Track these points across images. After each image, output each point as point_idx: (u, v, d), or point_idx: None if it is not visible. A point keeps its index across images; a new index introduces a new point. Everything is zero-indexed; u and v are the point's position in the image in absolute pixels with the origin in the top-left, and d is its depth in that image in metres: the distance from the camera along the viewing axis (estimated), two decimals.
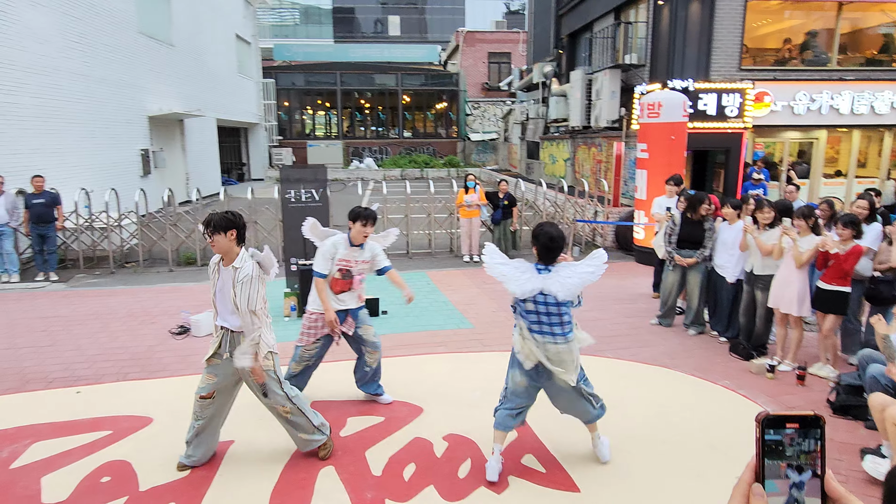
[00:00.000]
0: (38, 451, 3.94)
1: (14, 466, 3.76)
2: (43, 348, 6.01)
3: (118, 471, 3.70)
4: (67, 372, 5.38)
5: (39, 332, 6.51)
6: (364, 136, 31.78)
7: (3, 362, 5.62)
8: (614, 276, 9.18)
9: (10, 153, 9.34)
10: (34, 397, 4.85)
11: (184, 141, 17.43)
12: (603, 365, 5.54)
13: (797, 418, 0.84)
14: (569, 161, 17.81)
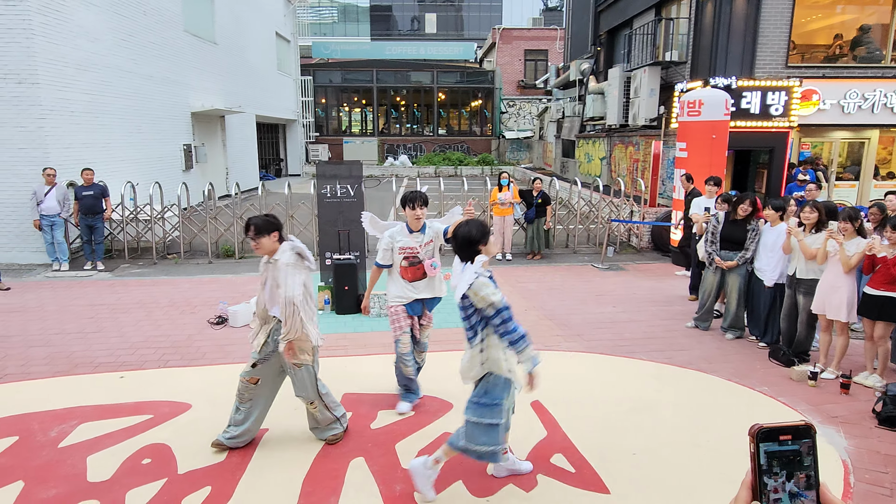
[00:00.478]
0: (85, 432, 4.11)
1: (62, 445, 3.94)
2: (90, 334, 6.26)
3: (158, 454, 3.84)
4: (112, 357, 5.60)
5: (87, 319, 6.78)
6: (399, 134, 31.97)
7: (54, 346, 5.88)
8: (650, 278, 9.02)
9: (63, 147, 9.74)
10: (81, 380, 5.06)
11: (224, 136, 17.86)
12: (636, 367, 5.45)
13: (789, 429, 0.82)
14: (605, 160, 17.56)
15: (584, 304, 7.57)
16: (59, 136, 9.65)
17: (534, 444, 4.01)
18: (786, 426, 0.82)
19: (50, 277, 8.84)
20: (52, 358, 5.57)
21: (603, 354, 5.77)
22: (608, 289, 8.36)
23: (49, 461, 3.74)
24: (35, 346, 5.86)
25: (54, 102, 9.53)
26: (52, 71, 9.47)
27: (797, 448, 0.82)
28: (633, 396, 4.77)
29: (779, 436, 0.81)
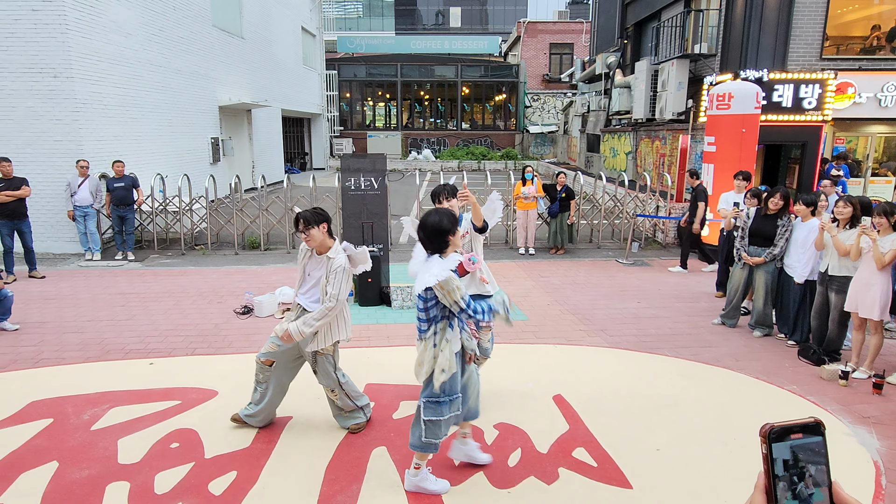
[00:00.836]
0: (116, 416, 4.22)
1: (94, 428, 4.05)
2: (121, 322, 6.42)
3: (186, 438, 3.92)
4: (142, 344, 5.73)
5: (118, 307, 6.95)
6: (422, 128, 31.98)
7: (88, 333, 6.04)
8: (676, 274, 8.89)
9: (96, 139, 9.97)
10: (113, 366, 5.19)
11: (251, 130, 18.08)
12: (661, 363, 5.39)
13: (799, 427, 0.79)
14: (630, 154, 17.32)
15: (608, 299, 7.49)
16: (92, 129, 9.88)
17: (556, 438, 4.00)
18: (796, 424, 0.80)
19: (83, 266, 9.08)
20: (85, 344, 5.73)
21: (627, 350, 5.71)
22: (632, 284, 8.26)
23: (82, 443, 3.86)
24: (69, 333, 6.04)
25: (88, 96, 9.76)
26: (85, 65, 9.70)
27: (807, 446, 0.79)
28: (658, 393, 4.71)
29: (790, 434, 0.79)
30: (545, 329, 6.28)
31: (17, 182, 8.03)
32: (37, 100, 9.38)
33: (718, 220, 8.22)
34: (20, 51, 9.22)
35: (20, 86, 9.31)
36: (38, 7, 9.15)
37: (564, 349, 5.63)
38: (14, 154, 9.14)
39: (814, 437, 0.80)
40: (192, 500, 3.29)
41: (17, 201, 7.99)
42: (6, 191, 7.90)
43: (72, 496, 3.31)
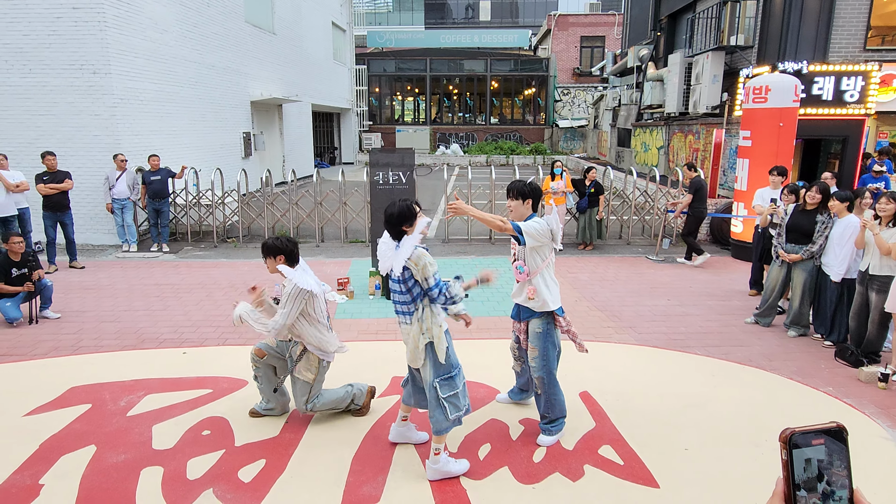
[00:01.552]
0: (150, 403, 4.35)
1: (130, 414, 4.19)
2: (156, 312, 6.61)
3: (217, 426, 4.02)
4: (176, 334, 5.89)
5: (153, 298, 7.15)
6: (451, 122, 31.96)
7: (124, 322, 6.23)
8: (708, 271, 8.71)
9: (132, 134, 10.24)
10: (148, 355, 5.35)
11: (281, 125, 18.34)
12: (691, 362, 5.30)
13: (821, 432, 0.77)
14: (662, 149, 17.01)
15: (637, 296, 7.39)
16: (129, 124, 10.16)
17: (581, 435, 3.97)
18: (818, 429, 0.78)
19: (120, 258, 9.36)
20: (122, 333, 5.91)
21: (656, 348, 5.63)
22: (663, 281, 8.13)
23: (118, 428, 3.99)
24: (106, 322, 6.24)
25: (125, 92, 10.03)
26: (123, 61, 9.96)
27: (829, 451, 0.77)
28: (687, 392, 4.64)
29: (811, 440, 0.77)
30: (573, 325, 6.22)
31: (61, 175, 8.31)
32: (77, 95, 9.68)
33: (752, 216, 8.02)
34: (61, 48, 9.52)
35: (61, 82, 9.62)
36: (78, 5, 9.42)
37: (592, 346, 5.56)
38: (55, 148, 9.46)
39: (836, 443, 0.78)
40: (222, 486, 3.37)
41: (60, 194, 8.28)
42: (51, 183, 8.18)
43: (108, 479, 3.43)
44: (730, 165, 12.24)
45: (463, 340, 5.76)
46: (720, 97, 13.21)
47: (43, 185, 8.16)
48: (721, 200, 10.94)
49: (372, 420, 4.12)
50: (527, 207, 3.65)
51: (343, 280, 7.37)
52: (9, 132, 9.70)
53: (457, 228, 11.09)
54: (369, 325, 6.17)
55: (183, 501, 3.23)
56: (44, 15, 9.43)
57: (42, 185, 8.15)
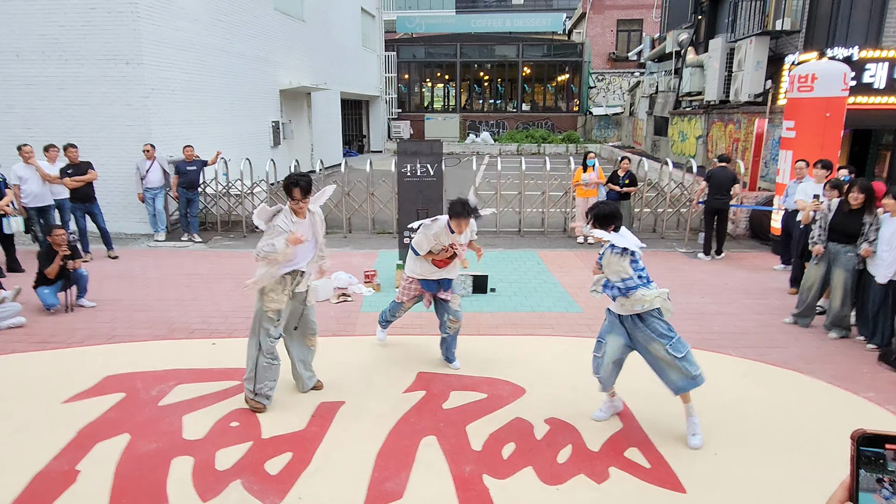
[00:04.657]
0: (181, 393, 4.53)
1: (162, 404, 4.37)
2: (186, 301, 6.83)
3: (245, 418, 4.17)
4: (205, 325, 6.09)
5: (184, 287, 7.39)
6: (481, 110, 31.81)
7: (156, 311, 6.47)
8: (745, 267, 8.56)
9: (164, 123, 10.52)
10: (179, 345, 5.55)
11: (310, 113, 18.56)
12: (724, 363, 5.24)
13: (894, 438, 0.80)
14: (701, 139, 16.66)
15: (670, 293, 7.30)
16: (160, 114, 10.43)
17: (608, 436, 3.99)
18: (892, 435, 0.82)
19: (152, 247, 9.66)
20: (154, 322, 6.14)
21: None
22: (697, 278, 8.02)
23: (150, 417, 4.17)
24: (139, 311, 6.48)
25: (157, 82, 10.29)
26: (155, 52, 10.21)
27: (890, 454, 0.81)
28: (719, 394, 4.60)
29: (884, 443, 0.81)
30: (600, 322, 6.19)
31: (84, 167, 8.57)
32: (110, 86, 9.98)
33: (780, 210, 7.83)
34: (96, 38, 9.81)
35: (95, 72, 9.92)
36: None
37: None
38: (88, 137, 9.79)
39: None
40: (249, 477, 3.51)
41: (85, 185, 8.55)
42: (75, 176, 8.45)
43: (141, 467, 3.60)
44: (772, 157, 11.92)
45: (485, 336, 5.82)
46: (763, 85, 12.85)
47: (69, 178, 8.43)
48: (761, 194, 10.69)
49: (397, 415, 4.21)
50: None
51: (370, 272, 7.48)
52: (45, 122, 10.06)
53: (484, 220, 11.07)
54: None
55: (212, 492, 3.38)
56: (79, 6, 9.72)
57: (68, 179, 8.42)
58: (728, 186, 8.79)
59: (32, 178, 8.19)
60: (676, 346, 3.80)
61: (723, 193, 8.78)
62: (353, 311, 6.58)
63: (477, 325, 6.12)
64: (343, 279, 7.36)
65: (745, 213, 10.49)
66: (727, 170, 8.91)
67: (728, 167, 9.00)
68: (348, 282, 7.35)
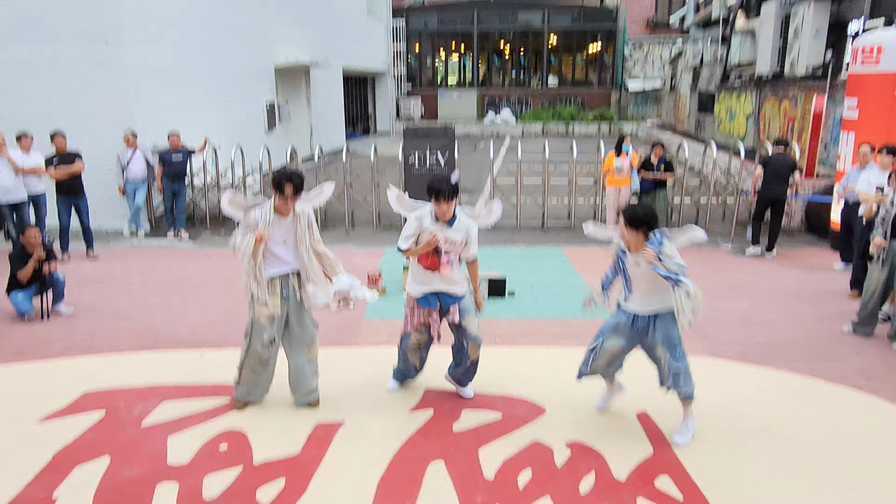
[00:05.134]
0: (166, 412, 4.65)
1: (145, 424, 4.49)
2: (172, 308, 6.98)
3: (235, 440, 4.27)
4: (193, 335, 6.22)
5: (170, 292, 7.54)
6: (502, 85, 31.76)
7: (139, 320, 6.62)
8: (799, 267, 8.50)
9: (148, 109, 10.69)
10: (164, 357, 5.69)
11: (309, 93, 18.68)
12: (770, 379, 5.24)
13: None
14: (751, 117, 16.48)
15: (712, 296, 7.25)
16: (143, 98, 10.60)
17: (637, 463, 4.02)
18: None
19: (135, 246, 9.86)
20: (137, 332, 6.28)
21: (729, 361, 5.58)
22: (744, 279, 7.98)
23: (132, 439, 4.29)
24: (121, 319, 6.63)
25: (139, 63, 10.45)
26: (136, 29, 10.37)
27: None
28: (764, 414, 4.60)
29: None
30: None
31: (71, 157, 8.78)
32: (89, 68, 10.15)
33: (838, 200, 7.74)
34: (72, 17, 9.96)
35: (73, 54, 10.09)
36: None
37: None
38: (67, 127, 9.93)
39: None
40: None
41: (72, 177, 8.74)
42: (60, 166, 8.66)
43: (123, 495, 3.72)
44: (832, 139, 11.77)
45: (501, 348, 5.87)
46: (823, 56, 12.67)
47: (53, 169, 8.63)
48: (819, 181, 10.56)
49: (402, 438, 4.28)
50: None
51: (374, 275, 7.55)
52: (17, 110, 10.22)
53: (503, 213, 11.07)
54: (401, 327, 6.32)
55: None
56: None
57: (53, 170, 8.63)
58: (787, 174, 8.70)
59: (4, 171, 8.38)
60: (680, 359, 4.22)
61: (780, 182, 8.69)
62: (355, 318, 6.66)
63: (492, 335, 6.17)
64: (344, 282, 7.39)
65: (801, 203, 10.38)
66: (786, 155, 8.84)
67: (786, 152, 8.94)
68: (350, 285, 7.40)
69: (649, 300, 4.17)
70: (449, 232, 4.39)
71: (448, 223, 4.39)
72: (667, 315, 4.18)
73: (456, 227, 4.41)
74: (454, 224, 4.41)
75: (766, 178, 8.74)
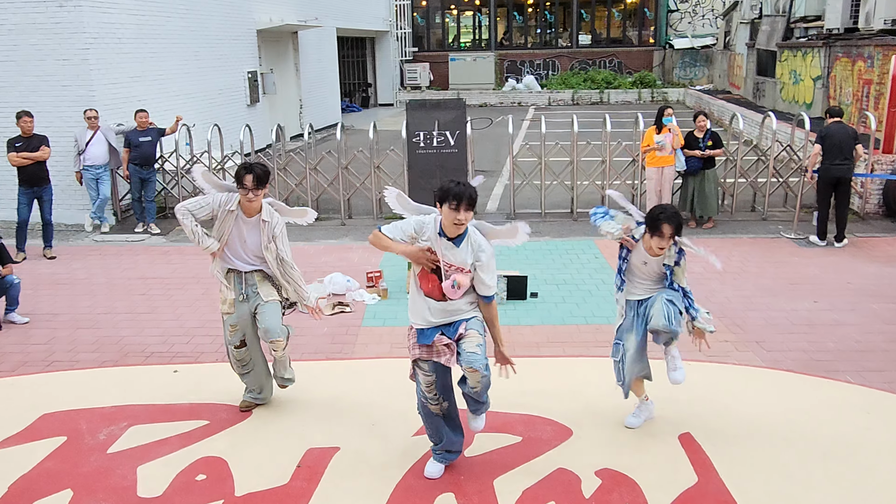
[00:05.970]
0: (135, 437, 4.75)
1: (112, 451, 4.59)
2: (141, 315, 7.09)
3: (214, 469, 4.36)
4: (165, 346, 6.33)
5: (138, 296, 7.66)
6: (524, 46, 31.62)
7: (104, 329, 6.74)
8: (876, 259, 8.46)
9: (109, 82, 10.80)
10: (132, 373, 5.80)
11: (297, 59, 18.75)
12: (838, 393, 5.25)
13: None
14: (820, 80, 16.33)
15: (771, 295, 7.29)
16: (104, 70, 10.71)
17: (678, 493, 4.06)
18: None
19: (99, 242, 10.00)
20: (101, 343, 6.40)
21: (791, 372, 5.59)
22: (809, 273, 7.96)
23: (98, 468, 4.40)
24: (83, 328, 6.76)
25: (99, 28, 10.56)
26: None
27: None
28: (830, 434, 4.61)
29: None
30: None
31: (37, 141, 8.87)
32: (41, 35, 10.28)
33: None
34: None
35: (22, 19, 10.23)
36: None
37: (700, 368, 5.58)
38: (16, 103, 10.09)
39: None
40: None
41: (36, 164, 8.84)
42: (24, 151, 8.75)
43: None
44: None
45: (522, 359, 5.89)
46: None
47: (15, 153, 8.73)
48: None
49: (405, 466, 4.34)
50: None
51: (374, 273, 7.62)
52: None
53: (526, 199, 11.15)
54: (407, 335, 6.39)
55: None
56: None
57: (14, 155, 8.73)
58: (850, 148, 8.67)
59: None
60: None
61: (844, 158, 8.66)
62: (351, 325, 6.73)
63: (512, 344, 6.19)
64: (339, 283, 7.53)
65: (878, 183, 10.29)
66: (845, 126, 8.80)
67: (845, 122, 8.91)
68: (346, 286, 7.52)
69: (651, 289, 4.52)
70: (454, 253, 3.86)
71: (454, 241, 3.87)
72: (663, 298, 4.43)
73: (463, 248, 3.86)
74: (461, 243, 3.87)
75: (825, 155, 8.71)
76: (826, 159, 8.73)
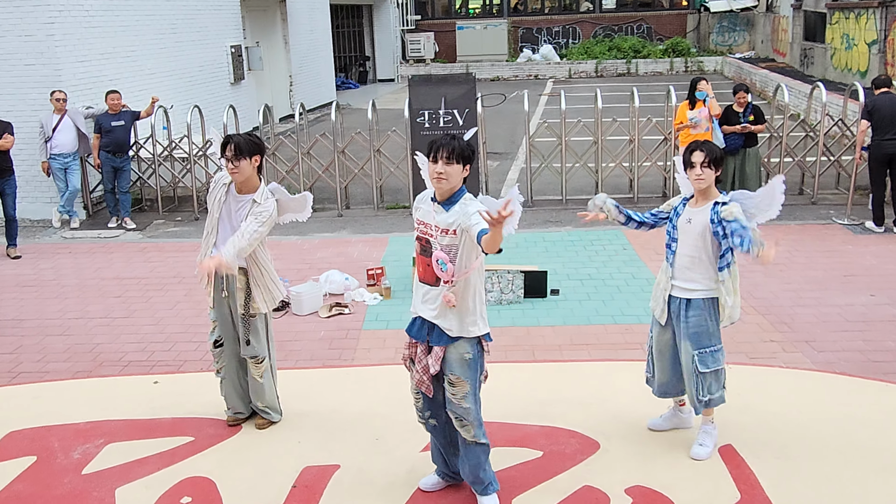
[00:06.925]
0: (113, 455, 4.78)
1: (87, 472, 4.63)
2: (117, 320, 7.14)
3: (201, 491, 4.39)
4: (144, 354, 6.37)
5: (113, 299, 7.71)
6: (541, 11, 31.52)
7: (76, 336, 6.79)
8: None
9: (77, 60, 10.84)
10: (107, 385, 5.84)
11: (286, 31, 18.75)
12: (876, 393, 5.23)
13: None
14: (875, 45, 16.23)
15: (823, 289, 7.27)
16: (71, 46, 10.75)
17: None
18: None
19: (68, 239, 10.07)
20: (73, 352, 6.45)
21: (844, 375, 5.58)
22: (865, 264, 7.93)
23: (72, 491, 4.44)
24: (53, 335, 6.81)
25: (65, 1, 10.58)
26: None
27: None
28: (890, 447, 4.60)
29: None
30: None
31: (0, 128, 8.91)
32: (0, 8, 10.31)
33: None
34: None
35: None
36: None
37: (744, 372, 5.59)
38: None
39: None
40: None
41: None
42: None
43: None
44: None
45: (542, 364, 5.92)
46: None
47: None
48: None
49: (411, 487, 4.36)
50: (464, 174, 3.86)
51: (376, 270, 7.63)
52: None
53: (545, 184, 11.14)
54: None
55: None
56: None
57: None
58: None
59: None
60: (706, 358, 4.42)
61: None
62: (351, 328, 6.75)
63: (531, 347, 6.22)
64: (336, 281, 7.55)
65: None
66: (894, 96, 8.74)
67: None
68: (344, 285, 7.54)
69: (684, 276, 4.52)
70: (442, 217, 3.79)
71: (444, 204, 3.82)
72: (702, 303, 4.45)
73: (452, 212, 3.78)
74: (451, 207, 3.79)
75: (875, 130, 8.67)
76: (876, 135, 8.70)
